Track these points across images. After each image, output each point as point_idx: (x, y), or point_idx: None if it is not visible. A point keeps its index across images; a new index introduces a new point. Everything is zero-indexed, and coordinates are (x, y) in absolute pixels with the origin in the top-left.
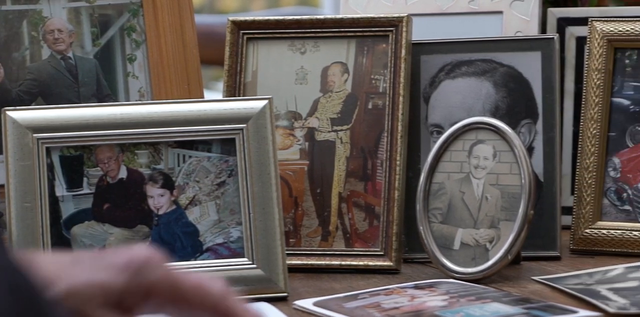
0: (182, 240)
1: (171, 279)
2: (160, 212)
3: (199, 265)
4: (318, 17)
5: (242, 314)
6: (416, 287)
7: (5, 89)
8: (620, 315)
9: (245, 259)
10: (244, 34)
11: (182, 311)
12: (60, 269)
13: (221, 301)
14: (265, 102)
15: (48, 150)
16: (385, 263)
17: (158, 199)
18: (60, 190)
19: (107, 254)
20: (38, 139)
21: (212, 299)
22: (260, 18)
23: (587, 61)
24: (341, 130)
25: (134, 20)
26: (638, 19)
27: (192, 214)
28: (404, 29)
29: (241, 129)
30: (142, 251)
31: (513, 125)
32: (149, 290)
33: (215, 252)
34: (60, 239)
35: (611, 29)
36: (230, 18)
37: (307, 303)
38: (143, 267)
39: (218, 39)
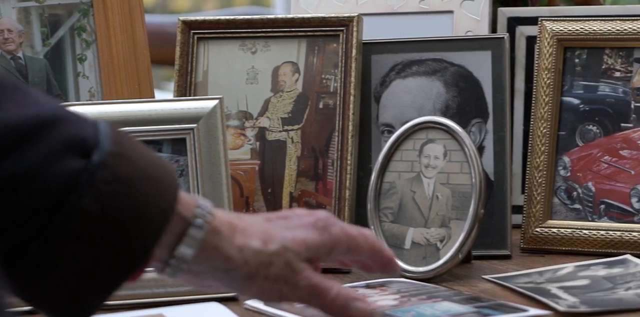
0: None
1: (347, 233)
2: None
3: None
4: (269, 16)
5: (388, 252)
6: (367, 286)
7: None
8: (570, 313)
9: None
10: (194, 33)
11: (352, 257)
12: (264, 228)
13: (375, 243)
14: (216, 102)
15: None
16: None
17: None
18: None
19: (291, 216)
20: None
21: (371, 243)
22: (211, 18)
23: (537, 60)
24: (292, 130)
25: (84, 20)
26: (587, 18)
27: None
28: (355, 28)
29: (192, 129)
30: (320, 212)
31: (463, 125)
32: (334, 244)
33: None
34: None
35: (561, 28)
36: (181, 18)
37: (258, 303)
38: (328, 225)
39: (170, 39)
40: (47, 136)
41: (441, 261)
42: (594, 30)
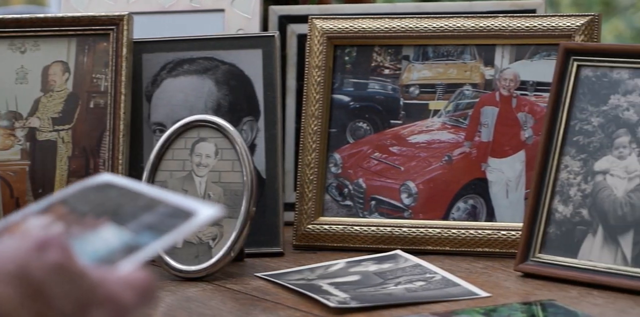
0: None
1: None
2: None
3: None
4: (38, 15)
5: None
6: None
7: None
8: (340, 309)
9: None
10: None
11: None
12: None
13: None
14: None
15: None
16: None
17: None
18: None
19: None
20: None
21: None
22: None
23: (307, 58)
24: (63, 129)
25: None
26: (357, 16)
27: None
28: (125, 27)
29: None
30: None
31: (235, 123)
32: None
33: None
34: None
35: (331, 26)
36: None
37: None
38: None
39: None
40: None
41: (213, 260)
42: (363, 28)
